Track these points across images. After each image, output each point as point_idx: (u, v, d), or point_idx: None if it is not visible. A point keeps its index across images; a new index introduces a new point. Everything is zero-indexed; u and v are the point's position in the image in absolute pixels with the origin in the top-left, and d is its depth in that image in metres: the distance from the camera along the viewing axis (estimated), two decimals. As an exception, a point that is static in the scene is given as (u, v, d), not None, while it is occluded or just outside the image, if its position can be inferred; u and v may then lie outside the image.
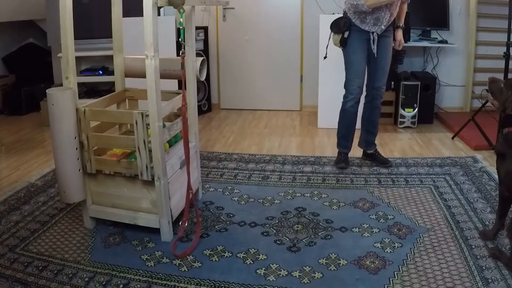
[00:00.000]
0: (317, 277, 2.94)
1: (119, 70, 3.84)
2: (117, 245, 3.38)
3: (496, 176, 3.67)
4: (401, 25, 4.70)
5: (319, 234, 3.47)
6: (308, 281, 2.91)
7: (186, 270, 3.05)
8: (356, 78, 4.55)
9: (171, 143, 3.62)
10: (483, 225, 3.53)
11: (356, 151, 5.02)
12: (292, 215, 3.76)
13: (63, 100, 3.13)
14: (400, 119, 6.32)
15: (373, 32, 4.44)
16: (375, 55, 4.51)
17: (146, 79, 3.10)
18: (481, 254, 3.13)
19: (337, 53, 4.63)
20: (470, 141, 5.40)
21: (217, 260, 3.16)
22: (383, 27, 4.43)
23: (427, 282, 2.86)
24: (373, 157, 4.94)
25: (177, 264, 3.11)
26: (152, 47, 3.04)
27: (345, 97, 4.66)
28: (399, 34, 4.71)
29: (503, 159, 3.14)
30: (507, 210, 3.27)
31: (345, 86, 4.64)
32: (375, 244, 3.31)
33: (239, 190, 4.25)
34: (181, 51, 3.27)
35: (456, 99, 6.97)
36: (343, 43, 4.52)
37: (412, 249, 3.23)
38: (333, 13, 6.22)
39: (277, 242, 3.37)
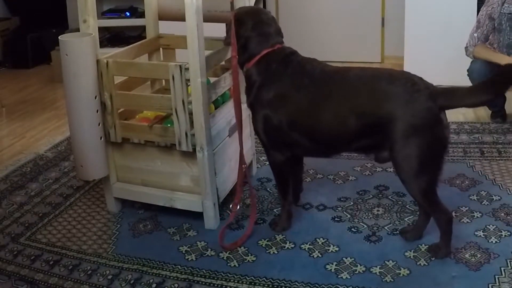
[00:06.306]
0: (403, 274, 2.95)
1: (152, 12, 3.87)
2: (149, 233, 3.45)
3: None
4: None
5: (406, 219, 3.46)
6: (392, 279, 2.91)
7: (237, 265, 3.09)
8: None
9: (218, 103, 3.64)
10: None
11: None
12: (371, 196, 3.77)
13: (80, 49, 3.16)
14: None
15: None
16: None
17: (185, 22, 3.11)
18: None
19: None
20: None
21: (276, 252, 3.19)
22: None
23: (544, 281, 2.84)
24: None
25: (225, 258, 3.16)
26: (193, -19, 3.04)
27: None
28: None
29: None
30: None
31: None
32: (476, 233, 3.28)
33: (304, 164, 4.24)
34: (230, -13, 3.27)
35: None
36: None
37: (524, 239, 3.21)
38: None
39: (352, 229, 3.38)
